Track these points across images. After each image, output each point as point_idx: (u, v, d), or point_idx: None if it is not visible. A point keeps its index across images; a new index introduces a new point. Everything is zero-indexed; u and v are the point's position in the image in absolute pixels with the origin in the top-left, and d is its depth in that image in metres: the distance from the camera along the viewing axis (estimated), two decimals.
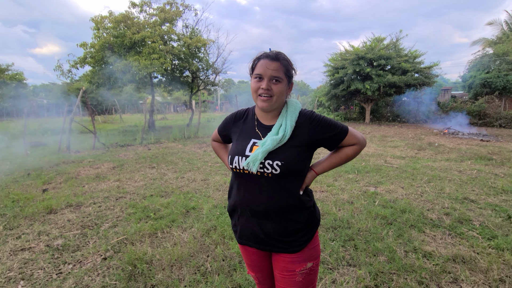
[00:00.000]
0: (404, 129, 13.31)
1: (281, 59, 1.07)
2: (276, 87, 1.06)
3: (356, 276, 2.16)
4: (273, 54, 1.07)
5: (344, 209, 3.43)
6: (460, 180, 4.61)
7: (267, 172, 1.06)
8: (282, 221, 1.11)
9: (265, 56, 1.08)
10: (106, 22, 12.16)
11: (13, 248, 2.61)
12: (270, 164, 1.06)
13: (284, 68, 1.07)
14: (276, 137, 1.06)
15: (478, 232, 2.81)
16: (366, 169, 5.42)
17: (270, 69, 1.05)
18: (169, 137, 10.40)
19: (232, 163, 1.13)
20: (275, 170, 1.05)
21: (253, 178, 1.10)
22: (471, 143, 8.72)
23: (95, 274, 2.23)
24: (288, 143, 1.08)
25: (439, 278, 2.12)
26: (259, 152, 1.05)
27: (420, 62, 15.31)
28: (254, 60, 1.11)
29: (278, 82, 1.06)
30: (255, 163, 1.05)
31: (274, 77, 1.05)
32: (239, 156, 1.12)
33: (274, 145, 1.05)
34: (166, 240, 2.75)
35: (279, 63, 1.06)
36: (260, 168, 1.07)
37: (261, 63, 1.06)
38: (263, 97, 1.06)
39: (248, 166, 1.07)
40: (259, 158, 1.05)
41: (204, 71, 14.98)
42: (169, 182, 4.76)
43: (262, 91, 1.06)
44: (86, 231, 2.96)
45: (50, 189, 4.40)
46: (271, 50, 1.13)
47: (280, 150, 1.07)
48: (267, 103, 1.07)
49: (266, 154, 1.06)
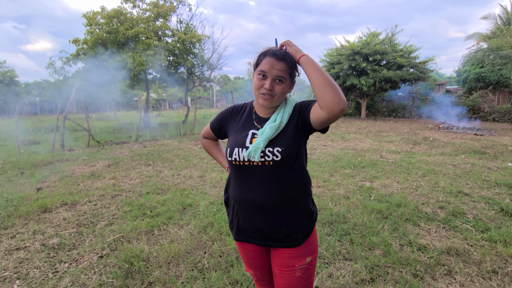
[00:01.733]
0: (399, 124, 13.40)
1: (287, 60, 1.05)
2: (279, 87, 1.06)
3: (352, 270, 2.18)
4: (280, 54, 1.05)
5: (340, 204, 3.46)
6: (455, 174, 4.67)
7: (268, 160, 1.06)
8: (282, 213, 1.11)
9: (271, 54, 1.05)
10: (98, 18, 11.95)
11: (8, 248, 2.59)
12: (270, 151, 1.06)
13: (289, 69, 1.07)
14: (274, 124, 1.08)
15: (472, 225, 2.85)
16: (362, 164, 5.45)
17: (276, 69, 1.04)
18: (165, 134, 10.33)
19: (231, 155, 1.12)
20: (276, 156, 1.06)
21: (253, 170, 1.09)
22: (465, 137, 8.82)
23: (92, 273, 2.22)
24: (285, 129, 1.09)
25: (433, 271, 2.16)
26: (260, 141, 1.06)
27: (416, 57, 15.36)
28: (259, 56, 1.09)
29: (281, 82, 1.06)
30: (256, 152, 1.06)
31: (278, 77, 1.05)
32: (239, 148, 1.11)
33: (273, 132, 1.07)
34: (163, 237, 2.74)
35: (285, 64, 1.04)
36: (261, 157, 1.07)
37: (267, 60, 1.05)
38: (265, 96, 1.07)
39: (250, 156, 1.07)
40: (260, 146, 1.05)
41: (200, 67, 14.86)
42: (165, 179, 4.74)
43: (265, 90, 1.06)
44: (81, 229, 2.94)
45: (44, 187, 4.35)
46: (277, 43, 1.12)
47: (279, 137, 1.09)
48: (268, 101, 1.08)
49: (267, 142, 1.07)
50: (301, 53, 1.04)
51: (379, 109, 18.78)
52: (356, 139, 8.80)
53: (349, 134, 9.96)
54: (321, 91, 0.95)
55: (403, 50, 15.24)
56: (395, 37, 15.75)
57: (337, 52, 16.16)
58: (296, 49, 1.06)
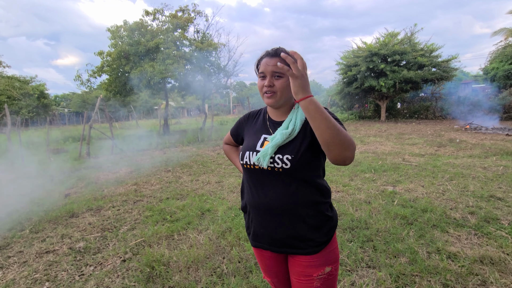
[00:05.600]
0: (422, 126, 12.85)
1: (279, 54, 1.06)
2: (278, 83, 1.06)
3: (376, 278, 2.09)
4: (272, 51, 1.08)
5: (361, 209, 3.34)
6: (485, 177, 4.38)
7: (277, 167, 1.05)
8: (297, 218, 1.08)
9: (266, 54, 1.09)
10: (121, 31, 12.59)
11: (39, 251, 2.73)
12: (280, 158, 1.05)
13: (285, 63, 1.06)
14: (285, 131, 1.05)
15: (507, 232, 2.65)
16: (383, 168, 5.27)
17: (270, 65, 1.05)
18: (184, 141, 10.57)
19: (243, 158, 1.14)
20: (285, 164, 1.04)
21: (264, 174, 1.09)
22: (496, 138, 8.29)
23: (115, 276, 2.29)
24: (297, 137, 1.07)
25: (465, 281, 2.02)
26: (269, 147, 1.05)
27: (438, 56, 14.75)
28: (258, 60, 1.13)
29: (279, 78, 1.06)
30: (265, 158, 1.05)
31: (275, 72, 1.05)
32: (250, 151, 1.12)
33: (283, 139, 1.05)
34: (183, 242, 2.78)
35: (278, 58, 1.05)
36: (270, 163, 1.06)
37: (263, 61, 1.08)
38: (267, 94, 1.07)
39: (259, 162, 1.07)
40: (269, 152, 1.04)
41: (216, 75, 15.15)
42: (184, 185, 4.82)
43: (266, 88, 1.07)
44: (106, 233, 3.04)
45: (72, 193, 4.57)
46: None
47: (290, 144, 1.06)
48: (272, 99, 1.08)
49: (276, 148, 1.05)
50: (304, 94, 0.85)
51: (400, 111, 18.15)
52: (376, 142, 8.53)
53: (368, 137, 9.68)
54: (326, 148, 0.88)
55: (424, 49, 14.70)
56: (414, 36, 15.25)
57: (354, 54, 15.88)
58: (302, 83, 0.85)
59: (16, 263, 2.54)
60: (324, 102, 23.27)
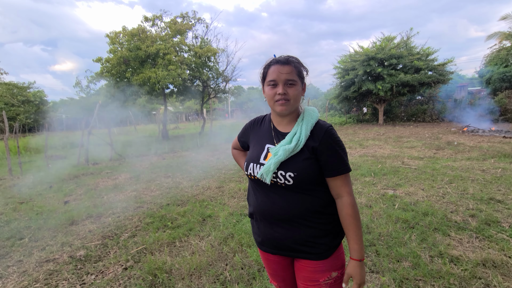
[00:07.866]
0: (420, 129, 12.93)
1: (292, 62, 1.07)
2: (292, 90, 1.06)
3: (380, 283, 2.09)
4: (284, 59, 1.08)
5: (362, 213, 3.35)
6: (484, 180, 4.41)
7: (280, 182, 1.06)
8: (303, 225, 1.09)
9: (275, 61, 1.08)
10: (120, 37, 12.65)
11: (39, 260, 2.70)
12: (282, 175, 1.05)
13: (297, 70, 1.08)
14: (288, 147, 1.04)
15: (508, 235, 2.66)
16: (382, 171, 5.28)
17: (284, 73, 1.05)
18: (182, 146, 10.56)
19: (247, 169, 1.15)
20: (288, 181, 1.05)
21: (269, 186, 1.11)
22: (493, 141, 8.35)
23: (117, 284, 2.27)
24: (301, 152, 1.06)
25: (469, 284, 2.02)
26: (271, 164, 1.05)
27: (434, 59, 14.92)
28: (264, 68, 1.11)
29: (292, 85, 1.06)
30: (268, 174, 1.06)
31: (288, 80, 1.05)
32: (254, 163, 1.13)
33: (286, 155, 1.04)
34: (184, 249, 2.76)
35: (291, 66, 1.06)
36: (273, 178, 1.07)
37: (273, 69, 1.07)
38: (280, 102, 1.06)
39: (262, 177, 1.08)
40: (271, 169, 1.05)
41: (215, 80, 15.22)
42: (185, 190, 4.81)
43: (279, 96, 1.05)
44: (106, 241, 3.02)
45: (71, 201, 4.54)
46: (276, 56, 1.14)
47: (293, 160, 1.05)
48: (285, 106, 1.07)
49: (278, 165, 1.05)
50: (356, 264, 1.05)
51: (398, 114, 18.26)
52: (375, 146, 8.57)
53: (367, 141, 9.72)
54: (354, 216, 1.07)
55: (420, 53, 14.87)
56: (410, 40, 15.43)
57: (351, 58, 16.04)
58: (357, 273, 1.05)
59: (16, 272, 2.51)
60: (322, 106, 23.36)
